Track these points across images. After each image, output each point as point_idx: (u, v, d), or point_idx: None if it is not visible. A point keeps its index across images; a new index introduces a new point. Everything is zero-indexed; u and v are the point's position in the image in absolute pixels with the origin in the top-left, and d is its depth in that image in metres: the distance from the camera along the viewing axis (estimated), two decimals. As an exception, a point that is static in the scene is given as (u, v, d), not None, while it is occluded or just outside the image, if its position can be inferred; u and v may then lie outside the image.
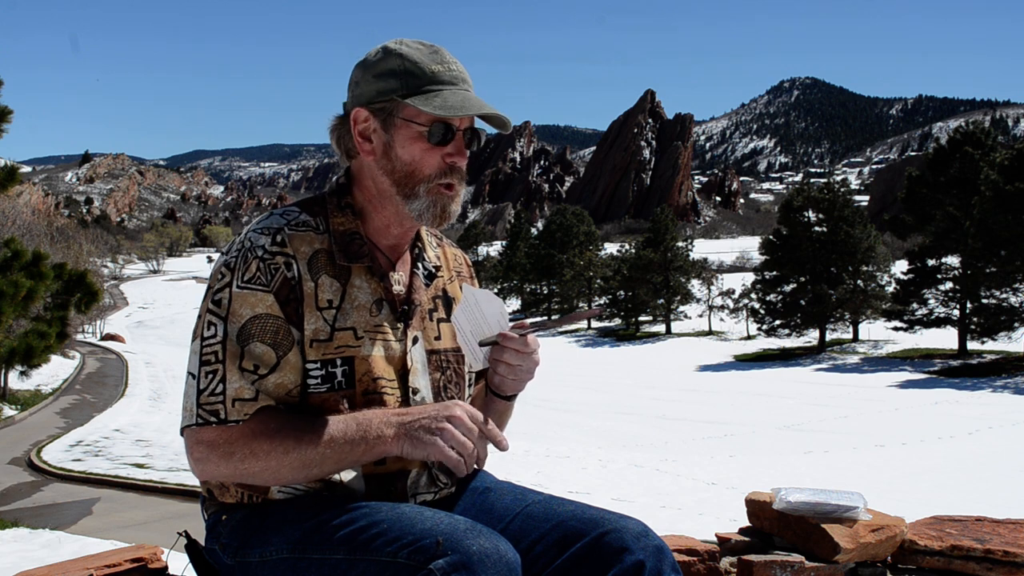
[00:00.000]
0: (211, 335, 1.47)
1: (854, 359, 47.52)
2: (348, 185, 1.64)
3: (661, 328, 66.69)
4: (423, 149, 1.54)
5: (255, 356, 1.46)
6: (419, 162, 1.54)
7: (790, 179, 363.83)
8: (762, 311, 54.57)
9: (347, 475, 1.53)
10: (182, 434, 1.53)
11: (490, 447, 1.51)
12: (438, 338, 1.65)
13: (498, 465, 15.88)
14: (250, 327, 1.47)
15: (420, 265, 1.67)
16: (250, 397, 1.45)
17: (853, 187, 71.18)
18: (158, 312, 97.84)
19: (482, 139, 1.61)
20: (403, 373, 1.58)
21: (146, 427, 25.03)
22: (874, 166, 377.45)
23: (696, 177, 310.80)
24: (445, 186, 1.56)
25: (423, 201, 1.55)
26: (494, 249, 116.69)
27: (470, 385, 1.73)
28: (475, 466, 1.48)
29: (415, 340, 1.61)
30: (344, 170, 1.66)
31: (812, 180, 77.48)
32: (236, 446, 1.43)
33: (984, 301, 44.21)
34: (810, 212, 53.69)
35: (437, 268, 1.71)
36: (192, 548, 1.62)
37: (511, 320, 1.61)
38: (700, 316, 66.22)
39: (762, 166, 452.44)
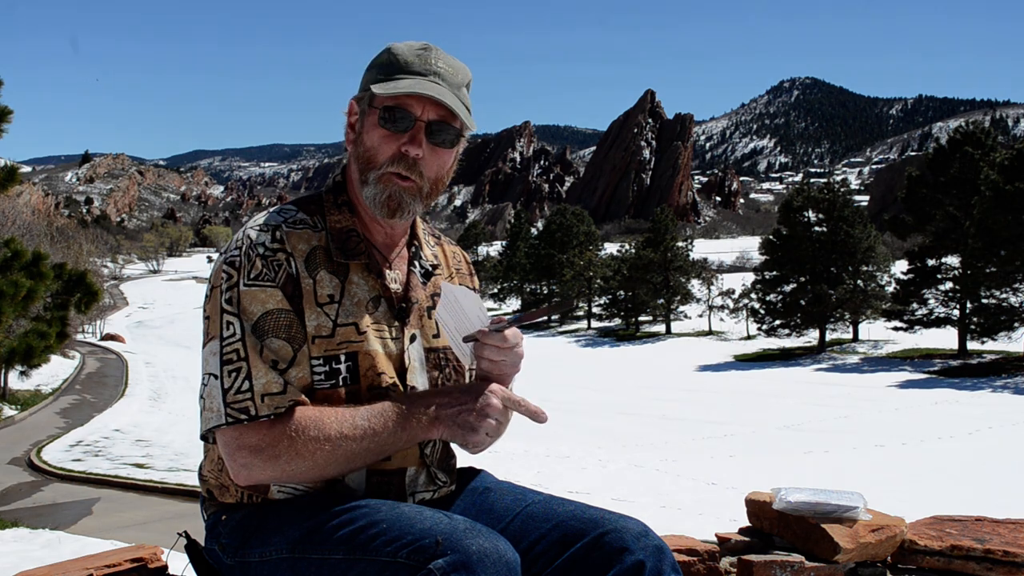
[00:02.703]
0: (231, 334, 1.46)
1: (854, 359, 47.50)
2: (344, 183, 1.64)
3: (661, 328, 66.66)
4: (381, 136, 1.53)
5: (273, 351, 1.46)
6: (376, 148, 1.53)
7: (790, 179, 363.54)
8: (762, 311, 54.54)
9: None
10: (205, 439, 1.52)
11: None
12: (436, 336, 1.63)
13: (498, 465, 15.87)
14: (263, 323, 1.46)
15: (417, 263, 1.66)
16: (279, 391, 1.44)
17: (853, 187, 71.32)
18: (158, 312, 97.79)
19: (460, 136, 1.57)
20: (401, 371, 1.56)
21: (146, 427, 25.03)
22: (874, 166, 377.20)
23: (696, 177, 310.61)
24: (396, 175, 1.53)
25: (371, 188, 1.54)
26: (494, 249, 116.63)
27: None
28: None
29: (413, 338, 1.59)
30: (341, 168, 1.66)
31: (812, 180, 77.57)
32: (280, 448, 1.42)
33: (984, 301, 44.15)
34: (810, 212, 53.66)
35: (435, 266, 1.70)
36: (192, 548, 1.62)
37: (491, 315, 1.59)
38: (700, 316, 66.16)
39: (762, 166, 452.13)
